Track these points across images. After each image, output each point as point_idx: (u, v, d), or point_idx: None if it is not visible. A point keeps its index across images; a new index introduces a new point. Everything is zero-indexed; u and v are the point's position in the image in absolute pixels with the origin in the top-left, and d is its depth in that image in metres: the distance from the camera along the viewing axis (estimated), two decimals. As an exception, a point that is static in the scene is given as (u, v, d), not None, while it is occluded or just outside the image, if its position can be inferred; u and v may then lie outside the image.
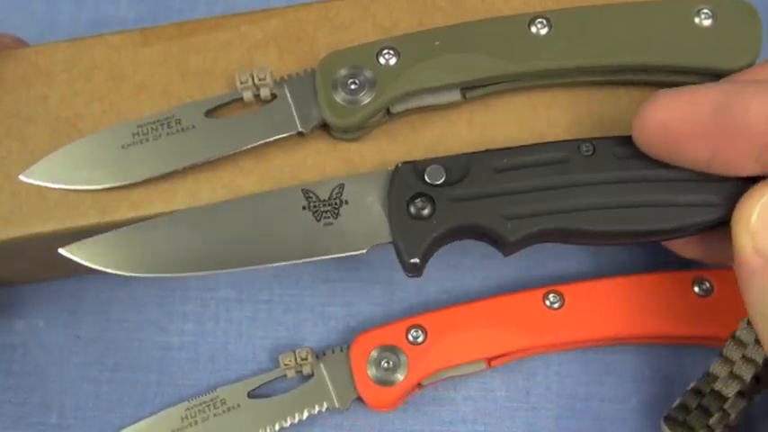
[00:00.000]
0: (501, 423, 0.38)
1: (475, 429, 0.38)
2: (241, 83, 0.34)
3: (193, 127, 0.34)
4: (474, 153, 0.32)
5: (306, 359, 0.37)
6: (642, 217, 0.31)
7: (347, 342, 0.37)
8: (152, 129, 0.35)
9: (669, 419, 0.34)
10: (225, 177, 0.35)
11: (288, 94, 0.34)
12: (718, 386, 0.32)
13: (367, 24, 0.36)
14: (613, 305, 0.36)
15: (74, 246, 0.33)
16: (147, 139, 0.34)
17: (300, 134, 0.34)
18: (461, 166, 0.32)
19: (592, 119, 0.35)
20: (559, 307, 0.36)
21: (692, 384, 0.33)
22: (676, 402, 0.34)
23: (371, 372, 0.36)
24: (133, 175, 0.34)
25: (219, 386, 0.38)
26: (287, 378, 0.38)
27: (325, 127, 0.35)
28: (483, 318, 0.36)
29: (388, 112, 0.35)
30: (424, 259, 0.32)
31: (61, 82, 0.36)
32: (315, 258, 0.32)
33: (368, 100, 0.33)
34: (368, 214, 0.32)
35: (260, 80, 0.34)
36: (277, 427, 0.36)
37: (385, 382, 0.36)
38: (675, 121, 0.29)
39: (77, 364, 0.39)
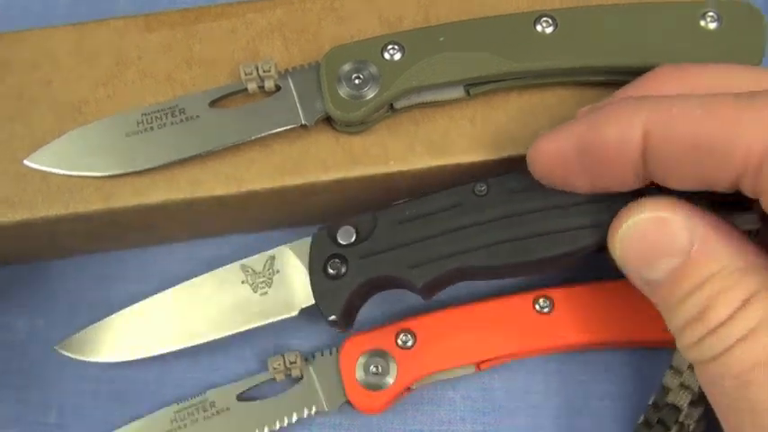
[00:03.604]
0: (500, 423, 0.38)
1: (474, 429, 0.38)
2: (246, 74, 0.34)
3: (197, 117, 0.35)
4: (380, 210, 0.34)
5: (295, 362, 0.37)
6: (533, 247, 0.32)
7: (341, 341, 0.37)
8: (156, 117, 0.35)
9: None
10: (228, 167, 0.35)
11: (292, 87, 0.35)
12: (671, 398, 0.33)
13: (372, 17, 0.36)
14: (603, 309, 0.36)
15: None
16: (152, 128, 0.35)
17: (304, 127, 0.34)
18: (369, 224, 0.34)
19: (594, 118, 0.35)
20: (549, 311, 0.36)
21: (651, 399, 0.34)
22: (640, 419, 0.34)
23: (360, 376, 0.36)
24: (137, 163, 0.34)
25: (219, 385, 0.38)
26: (276, 381, 0.37)
27: (328, 120, 0.35)
28: (472, 322, 0.36)
29: (391, 107, 0.35)
30: (345, 315, 0.34)
31: (65, 66, 0.36)
32: (253, 326, 0.35)
33: (372, 95, 0.33)
34: (295, 281, 0.35)
35: (264, 72, 0.34)
36: (266, 430, 0.36)
37: (374, 387, 0.36)
38: (552, 158, 0.29)
39: (77, 364, 0.38)
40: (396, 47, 0.34)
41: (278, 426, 0.36)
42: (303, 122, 0.34)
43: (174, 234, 0.40)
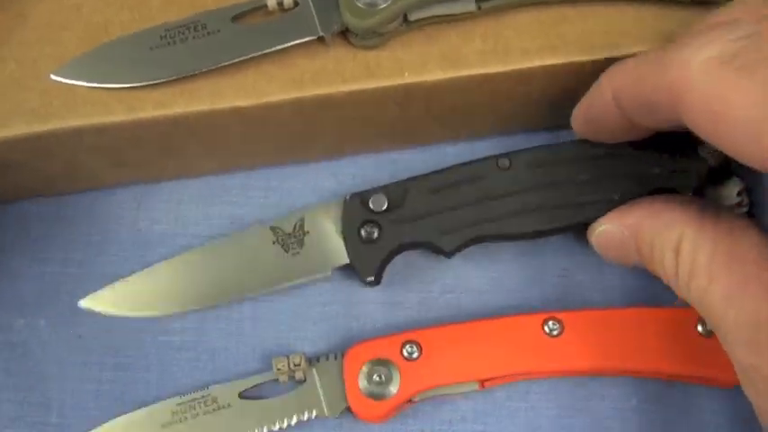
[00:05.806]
0: (501, 422, 0.38)
1: (474, 429, 0.37)
2: (265, -12, 0.36)
3: (218, 31, 0.36)
4: (410, 179, 0.37)
5: (299, 365, 0.37)
6: (553, 216, 0.36)
7: (348, 344, 0.37)
8: (179, 32, 0.36)
9: None
10: (248, 81, 0.36)
11: (310, 1, 0.36)
12: None
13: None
14: (613, 337, 0.35)
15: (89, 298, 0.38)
16: (174, 42, 0.36)
17: (321, 39, 0.36)
18: (400, 192, 0.37)
19: (601, 34, 0.36)
20: (558, 334, 0.36)
21: None
22: None
23: (363, 384, 0.36)
24: (159, 74, 0.36)
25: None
26: (279, 382, 0.37)
27: (344, 35, 0.36)
28: (480, 338, 0.36)
29: (405, 20, 0.36)
30: (379, 275, 0.37)
31: (95, -10, 0.38)
32: (287, 284, 0.37)
33: (386, 4, 0.35)
34: (327, 241, 0.37)
35: (284, -15, 0.36)
36: (265, 430, 0.36)
37: (376, 396, 0.35)
38: (577, 118, 0.36)
39: (78, 364, 0.39)
40: (410, -41, 0.35)
41: (277, 427, 0.36)
42: (320, 34, 0.35)
43: (194, 160, 0.41)
